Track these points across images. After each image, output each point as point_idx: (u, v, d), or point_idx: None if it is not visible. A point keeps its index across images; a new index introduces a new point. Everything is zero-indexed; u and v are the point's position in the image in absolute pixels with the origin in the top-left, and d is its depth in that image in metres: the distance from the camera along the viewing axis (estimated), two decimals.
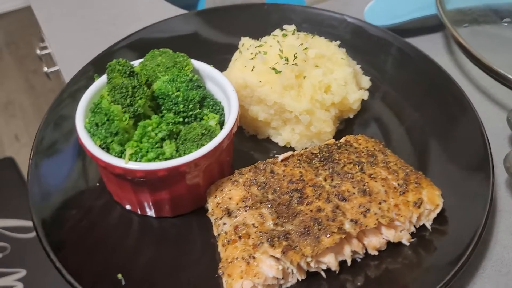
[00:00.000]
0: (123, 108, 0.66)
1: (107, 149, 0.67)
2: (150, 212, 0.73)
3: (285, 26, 0.90)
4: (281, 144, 0.84)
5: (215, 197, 0.71)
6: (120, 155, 0.66)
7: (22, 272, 2.26)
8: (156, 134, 0.67)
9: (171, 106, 0.70)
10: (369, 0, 1.10)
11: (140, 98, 0.68)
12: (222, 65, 0.87)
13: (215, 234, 0.70)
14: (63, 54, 1.07)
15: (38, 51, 1.42)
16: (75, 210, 0.73)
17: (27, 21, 3.73)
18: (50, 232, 0.68)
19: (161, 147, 0.67)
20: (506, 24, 1.00)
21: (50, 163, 0.77)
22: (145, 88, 0.69)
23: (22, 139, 3.00)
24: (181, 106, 0.70)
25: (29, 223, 2.46)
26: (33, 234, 2.46)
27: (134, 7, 1.17)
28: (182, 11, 1.11)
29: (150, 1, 1.18)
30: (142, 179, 0.66)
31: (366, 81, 0.88)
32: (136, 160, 0.65)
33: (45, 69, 1.32)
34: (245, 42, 0.88)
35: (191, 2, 1.62)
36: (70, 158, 0.79)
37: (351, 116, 0.86)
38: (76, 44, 1.09)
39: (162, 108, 0.71)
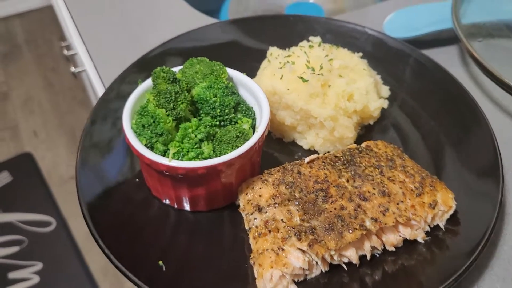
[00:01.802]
0: (167, 111, 0.73)
1: (151, 148, 0.74)
2: (187, 207, 0.80)
3: (311, 38, 0.96)
4: (306, 147, 0.90)
5: (246, 194, 0.78)
6: (163, 153, 0.73)
7: (39, 265, 2.34)
8: (196, 136, 0.74)
9: (209, 111, 0.77)
10: (387, 11, 1.16)
11: (182, 103, 0.74)
12: (250, 72, 0.94)
13: (246, 228, 0.77)
14: (95, 53, 1.14)
15: (65, 52, 1.49)
16: (118, 202, 0.80)
17: (48, 20, 3.83)
18: (97, 220, 0.75)
19: (200, 147, 0.74)
20: None
21: (95, 159, 0.84)
22: (186, 94, 0.76)
23: (40, 135, 3.09)
24: (218, 110, 0.76)
25: (46, 217, 2.55)
26: (50, 228, 2.56)
27: (165, 13, 1.24)
28: (211, 20, 1.18)
29: (180, 8, 1.25)
30: (182, 176, 0.73)
31: (385, 91, 0.94)
32: (178, 159, 0.72)
33: (72, 69, 1.39)
34: (273, 51, 0.95)
35: (214, 7, 1.70)
36: (113, 155, 0.86)
37: (371, 123, 0.92)
38: (108, 44, 1.16)
39: (201, 112, 0.78)
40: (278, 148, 0.92)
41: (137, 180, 0.84)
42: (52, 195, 2.74)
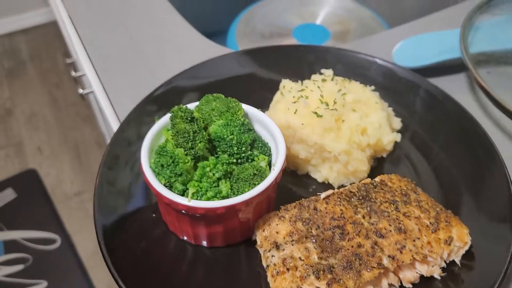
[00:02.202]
0: (185, 151, 0.74)
1: (169, 187, 0.75)
2: (204, 243, 0.81)
3: (323, 70, 0.98)
4: (320, 180, 0.91)
5: (263, 231, 0.79)
6: (182, 193, 0.74)
7: (44, 284, 2.34)
8: (214, 174, 0.75)
9: (226, 148, 0.78)
10: (395, 39, 1.18)
11: (200, 142, 0.75)
12: (263, 103, 0.95)
13: (264, 265, 0.77)
14: (103, 74, 1.14)
15: (73, 73, 1.50)
16: (135, 237, 0.81)
17: (52, 36, 3.86)
18: (113, 253, 0.76)
19: (218, 185, 0.75)
20: None
21: (113, 194, 0.85)
22: (204, 133, 0.77)
23: (44, 152, 3.09)
24: (235, 148, 0.77)
25: (50, 235, 2.56)
26: (55, 245, 2.55)
27: (174, 38, 1.26)
28: (222, 49, 1.19)
29: (190, 35, 1.26)
30: (200, 215, 0.74)
31: (397, 123, 0.95)
32: (197, 198, 0.73)
33: (80, 90, 1.40)
34: (286, 84, 0.96)
35: (221, 28, 1.72)
36: (130, 190, 0.87)
37: (384, 156, 0.93)
38: (116, 64, 1.17)
39: (218, 149, 0.79)
40: (292, 180, 0.93)
41: (154, 215, 0.85)
42: (57, 212, 2.74)
